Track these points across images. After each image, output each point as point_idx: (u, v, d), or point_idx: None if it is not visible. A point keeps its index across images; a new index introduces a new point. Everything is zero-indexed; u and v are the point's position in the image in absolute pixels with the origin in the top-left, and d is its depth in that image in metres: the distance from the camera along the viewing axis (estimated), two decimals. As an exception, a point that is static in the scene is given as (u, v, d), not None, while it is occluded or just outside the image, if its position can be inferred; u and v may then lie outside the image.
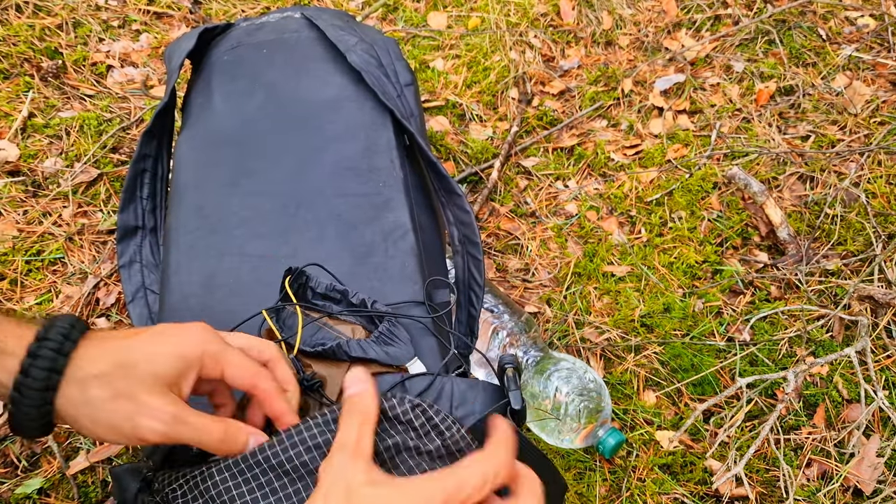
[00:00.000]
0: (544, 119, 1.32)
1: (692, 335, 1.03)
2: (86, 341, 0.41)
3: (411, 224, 0.67)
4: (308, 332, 0.57)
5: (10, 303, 1.02)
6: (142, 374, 0.41)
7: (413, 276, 0.64)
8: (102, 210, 1.15)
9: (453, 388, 0.54)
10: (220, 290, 0.65)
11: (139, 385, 0.40)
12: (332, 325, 0.57)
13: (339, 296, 0.59)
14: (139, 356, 0.41)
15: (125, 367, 0.41)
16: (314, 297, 0.59)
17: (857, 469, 0.89)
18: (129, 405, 0.40)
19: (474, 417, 0.52)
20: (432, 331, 0.61)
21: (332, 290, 0.59)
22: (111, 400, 0.40)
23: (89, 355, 0.41)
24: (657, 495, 0.90)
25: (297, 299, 0.59)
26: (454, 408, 0.53)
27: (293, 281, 0.58)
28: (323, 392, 0.53)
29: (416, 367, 0.56)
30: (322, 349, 0.54)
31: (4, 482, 0.87)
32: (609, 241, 1.15)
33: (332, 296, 0.59)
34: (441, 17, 1.47)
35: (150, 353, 0.42)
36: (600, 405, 0.89)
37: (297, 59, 0.80)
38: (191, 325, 0.45)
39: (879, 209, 1.13)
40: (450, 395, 0.53)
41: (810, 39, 1.40)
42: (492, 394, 0.53)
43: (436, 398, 0.53)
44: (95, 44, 1.37)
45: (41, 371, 0.39)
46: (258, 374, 0.45)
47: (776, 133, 1.27)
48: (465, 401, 0.53)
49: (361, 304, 0.58)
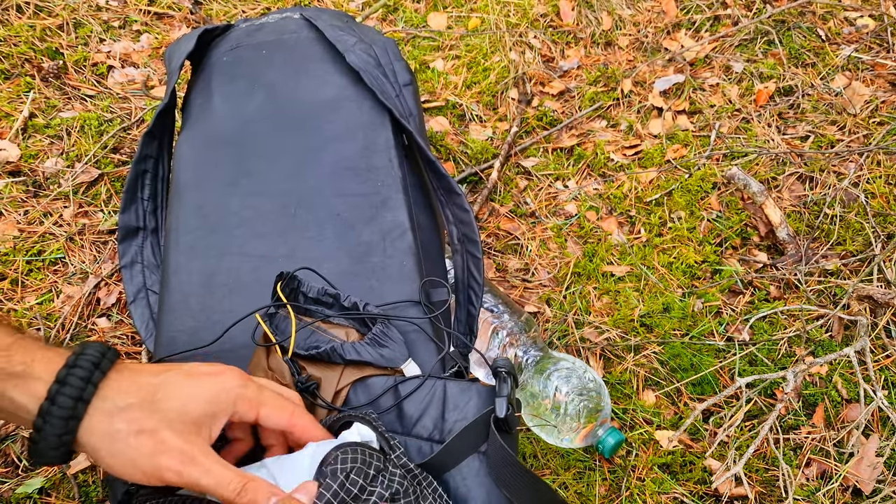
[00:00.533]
0: (544, 119, 1.32)
1: (692, 335, 1.03)
2: (116, 373, 0.41)
3: (409, 223, 0.67)
4: (302, 335, 0.56)
5: (10, 303, 1.02)
6: (170, 413, 0.40)
7: (411, 275, 0.64)
8: (103, 210, 1.15)
9: (446, 391, 0.53)
10: (219, 290, 0.65)
11: (166, 424, 0.40)
12: (326, 329, 0.57)
13: (332, 300, 0.59)
14: (171, 395, 0.41)
15: (154, 403, 0.40)
16: (306, 302, 0.59)
17: (857, 469, 0.89)
18: (153, 443, 0.39)
19: (466, 422, 0.51)
20: (426, 332, 0.61)
21: (323, 294, 0.59)
22: (135, 435, 0.39)
23: (119, 387, 0.40)
24: (657, 495, 0.90)
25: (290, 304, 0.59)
26: (446, 411, 0.52)
27: (285, 286, 0.58)
28: (318, 394, 0.53)
29: (411, 368, 0.56)
30: (317, 352, 0.54)
31: (5, 482, 0.87)
32: (608, 241, 1.15)
33: (323, 300, 0.59)
34: (441, 17, 1.47)
35: (183, 394, 0.41)
36: (600, 405, 0.89)
37: (297, 60, 0.80)
38: (227, 370, 0.45)
39: (878, 209, 1.13)
40: (441, 398, 0.53)
41: (810, 40, 1.40)
42: (486, 397, 0.53)
43: (427, 402, 0.53)
44: (96, 44, 1.37)
45: (68, 399, 0.38)
46: (295, 412, 0.45)
47: (775, 133, 1.28)
48: (457, 405, 0.52)
49: (353, 307, 0.58)
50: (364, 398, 0.54)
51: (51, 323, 1.00)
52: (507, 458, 0.48)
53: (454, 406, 0.52)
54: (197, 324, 0.63)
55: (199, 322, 0.63)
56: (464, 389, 0.53)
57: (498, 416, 0.50)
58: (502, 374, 0.52)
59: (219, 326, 0.60)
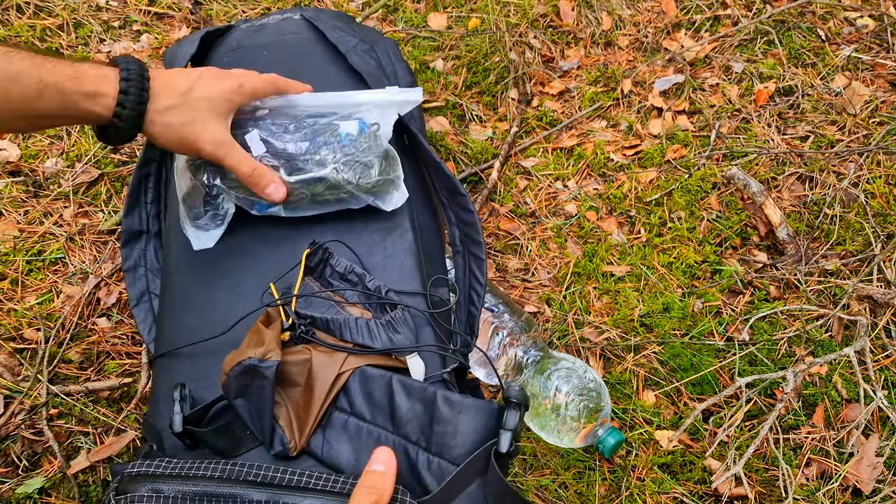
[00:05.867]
0: (544, 119, 1.33)
1: (691, 335, 1.03)
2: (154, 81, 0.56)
3: (410, 223, 0.68)
4: (320, 307, 0.60)
5: (10, 303, 1.03)
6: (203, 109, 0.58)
7: (412, 274, 0.64)
8: (103, 210, 1.15)
9: (436, 400, 0.51)
10: (220, 289, 0.65)
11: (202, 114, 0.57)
12: (344, 306, 0.59)
13: (357, 279, 0.61)
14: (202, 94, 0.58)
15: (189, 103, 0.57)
16: (332, 276, 0.61)
17: (857, 468, 0.89)
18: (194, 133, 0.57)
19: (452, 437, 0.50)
20: (433, 326, 0.61)
21: (350, 273, 0.61)
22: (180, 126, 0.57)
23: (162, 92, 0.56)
24: (657, 494, 0.90)
25: (317, 275, 0.61)
26: (434, 422, 0.51)
27: (313, 254, 0.61)
28: (316, 338, 0.56)
29: (415, 361, 0.57)
30: (331, 318, 0.56)
31: (5, 482, 0.87)
32: (608, 241, 1.15)
33: (349, 278, 0.61)
34: (441, 17, 1.47)
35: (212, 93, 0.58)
36: (600, 405, 0.90)
37: (297, 61, 0.80)
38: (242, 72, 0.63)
39: (878, 209, 1.13)
40: (431, 406, 0.51)
41: (809, 40, 1.40)
42: (473, 414, 0.50)
43: (418, 408, 0.52)
44: (96, 44, 1.37)
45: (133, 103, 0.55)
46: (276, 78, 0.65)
47: (775, 133, 1.28)
48: (443, 418, 0.50)
49: (377, 290, 0.60)
50: (361, 387, 0.55)
51: (51, 323, 1.00)
52: (506, 490, 0.47)
53: (441, 419, 0.51)
54: (198, 322, 0.63)
55: (199, 321, 0.63)
56: (452, 404, 0.51)
57: (500, 450, 0.48)
58: (513, 403, 0.49)
59: (220, 325, 0.60)
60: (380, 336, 0.56)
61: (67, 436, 0.93)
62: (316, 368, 0.54)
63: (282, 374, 0.54)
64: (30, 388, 0.94)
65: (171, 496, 0.46)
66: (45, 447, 0.91)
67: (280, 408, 0.54)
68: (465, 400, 0.51)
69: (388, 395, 0.53)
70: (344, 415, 0.54)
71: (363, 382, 0.55)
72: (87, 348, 1.00)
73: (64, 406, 0.94)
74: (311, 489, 0.47)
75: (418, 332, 0.60)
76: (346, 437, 0.54)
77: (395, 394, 0.53)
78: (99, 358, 1.00)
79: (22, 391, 0.94)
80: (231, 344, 0.56)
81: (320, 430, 0.54)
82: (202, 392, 0.58)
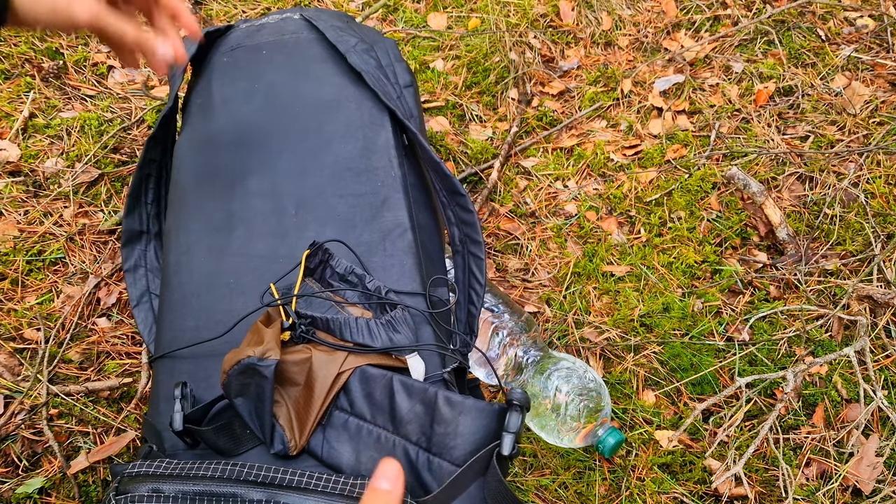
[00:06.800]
0: (544, 119, 1.33)
1: (691, 335, 1.03)
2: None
3: (410, 223, 0.68)
4: (320, 307, 0.59)
5: (10, 303, 1.03)
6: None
7: (411, 274, 0.64)
8: (103, 210, 1.15)
9: (437, 401, 0.51)
10: (220, 290, 0.65)
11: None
12: (344, 306, 0.59)
13: (357, 279, 0.61)
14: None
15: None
16: (331, 277, 0.61)
17: (857, 468, 0.89)
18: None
19: (453, 437, 0.50)
20: (432, 326, 0.61)
21: (350, 273, 0.61)
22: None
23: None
24: (656, 494, 0.90)
25: (317, 277, 0.61)
26: (434, 423, 0.51)
27: (312, 255, 0.60)
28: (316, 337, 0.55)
29: (415, 361, 0.57)
30: (331, 318, 0.56)
31: (5, 482, 0.87)
32: (608, 241, 1.15)
33: (349, 279, 0.61)
34: (441, 17, 1.47)
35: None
36: (600, 404, 0.89)
37: (297, 61, 0.80)
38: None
39: (878, 209, 1.13)
40: (432, 407, 0.51)
41: (809, 40, 1.40)
42: (475, 415, 0.50)
43: (419, 408, 0.52)
44: (96, 44, 1.37)
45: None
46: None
47: (775, 133, 1.28)
48: (444, 419, 0.51)
49: (377, 291, 0.60)
50: (362, 387, 0.55)
51: (51, 323, 1.01)
52: (506, 491, 0.47)
53: (441, 420, 0.51)
54: (198, 323, 0.63)
55: (199, 321, 0.64)
56: (453, 405, 0.51)
57: (502, 453, 0.48)
58: (515, 406, 0.49)
59: (220, 326, 0.60)
60: (380, 335, 0.56)
61: (67, 436, 0.93)
62: (316, 367, 0.54)
63: (282, 373, 0.54)
64: (30, 388, 0.94)
65: (171, 496, 0.46)
66: (45, 447, 0.91)
67: (280, 407, 0.54)
68: (466, 401, 0.51)
69: (389, 395, 0.53)
70: (344, 414, 0.55)
71: (364, 382, 0.55)
72: (87, 348, 1.00)
73: (64, 406, 0.94)
74: (310, 489, 0.47)
75: (418, 332, 0.60)
76: (347, 437, 0.54)
77: (396, 394, 0.53)
78: (99, 358, 1.00)
79: (22, 391, 0.94)
80: (232, 345, 0.56)
81: (320, 429, 0.54)
82: (203, 393, 0.58)
